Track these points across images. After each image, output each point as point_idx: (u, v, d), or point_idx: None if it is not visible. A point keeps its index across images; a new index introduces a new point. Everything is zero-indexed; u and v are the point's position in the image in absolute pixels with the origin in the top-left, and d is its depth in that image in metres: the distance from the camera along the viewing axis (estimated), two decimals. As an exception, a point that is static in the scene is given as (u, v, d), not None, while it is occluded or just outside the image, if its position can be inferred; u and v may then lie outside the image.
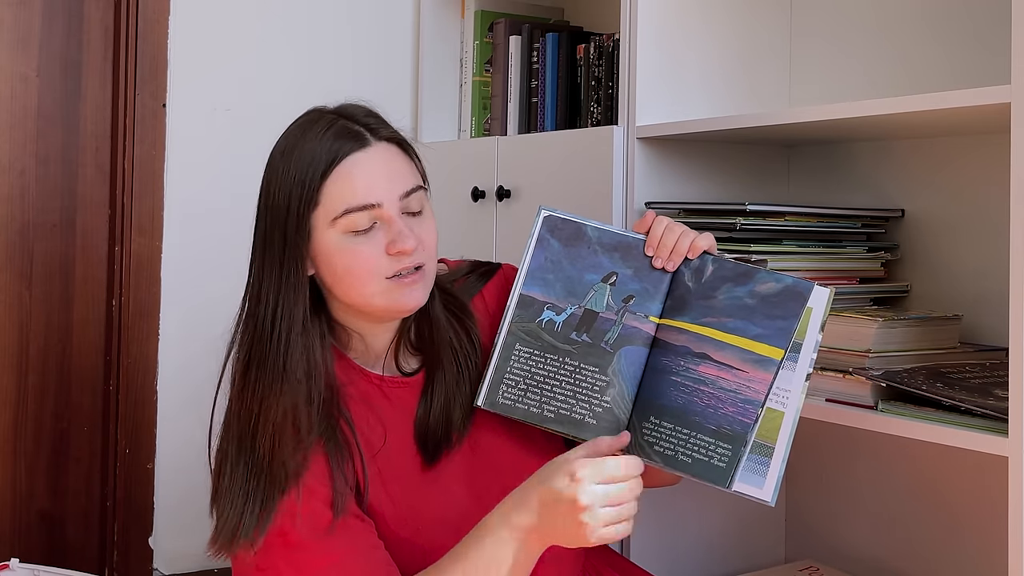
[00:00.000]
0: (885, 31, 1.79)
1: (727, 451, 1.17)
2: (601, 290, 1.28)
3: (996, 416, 1.21)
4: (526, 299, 1.29)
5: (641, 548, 1.72)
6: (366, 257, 1.19)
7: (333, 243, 1.20)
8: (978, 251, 1.64)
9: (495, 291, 1.39)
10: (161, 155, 2.15)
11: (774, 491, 1.17)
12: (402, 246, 1.19)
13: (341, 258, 1.20)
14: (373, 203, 1.19)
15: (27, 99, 2.09)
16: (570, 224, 1.30)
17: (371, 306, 1.23)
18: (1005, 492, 1.19)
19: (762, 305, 1.21)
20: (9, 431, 2.06)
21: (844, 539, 1.83)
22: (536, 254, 1.30)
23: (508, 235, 2.02)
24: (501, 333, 1.28)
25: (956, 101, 1.29)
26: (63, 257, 2.12)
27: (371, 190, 1.19)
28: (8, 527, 2.06)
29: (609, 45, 1.99)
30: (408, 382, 1.29)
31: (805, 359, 1.20)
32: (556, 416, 1.25)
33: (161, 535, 2.17)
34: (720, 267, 1.25)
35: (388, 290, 1.21)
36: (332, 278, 1.22)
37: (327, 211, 1.19)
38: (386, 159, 1.22)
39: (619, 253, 1.29)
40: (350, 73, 2.35)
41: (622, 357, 1.26)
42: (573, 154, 1.87)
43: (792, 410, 1.19)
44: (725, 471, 1.17)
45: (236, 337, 1.23)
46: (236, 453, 1.18)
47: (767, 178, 1.92)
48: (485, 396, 1.27)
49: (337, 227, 1.19)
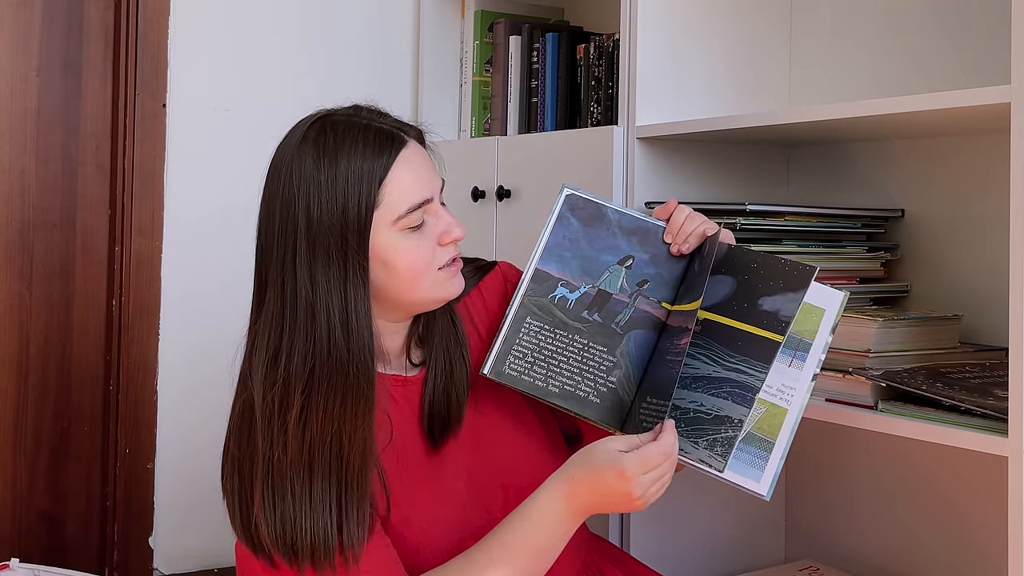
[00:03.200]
0: (885, 31, 1.79)
1: (723, 435, 1.18)
2: (616, 272, 1.29)
3: (996, 416, 1.21)
4: (541, 274, 1.30)
5: (642, 548, 1.72)
6: (424, 251, 1.22)
7: (393, 243, 1.21)
8: (978, 251, 1.64)
9: (492, 286, 1.40)
10: (161, 155, 2.15)
11: (770, 486, 1.17)
12: (456, 235, 1.25)
13: (403, 256, 1.22)
14: (429, 198, 1.23)
15: (27, 99, 2.09)
16: (591, 204, 1.32)
17: (423, 300, 1.25)
18: (1005, 492, 1.19)
19: (767, 292, 1.22)
20: (9, 431, 2.06)
21: (844, 539, 1.83)
22: (555, 231, 1.31)
23: (508, 235, 2.02)
24: (513, 305, 1.30)
25: (956, 101, 1.29)
26: (63, 257, 2.12)
27: (423, 186, 1.23)
28: (8, 527, 2.06)
29: (609, 45, 1.99)
30: (409, 379, 1.30)
31: (813, 359, 1.21)
32: (560, 391, 1.26)
33: (161, 535, 2.17)
34: (731, 254, 1.27)
35: (439, 281, 1.24)
36: (389, 278, 1.23)
37: (389, 213, 1.20)
38: (423, 155, 1.27)
39: (637, 237, 1.30)
40: (350, 73, 2.35)
41: (631, 340, 1.26)
42: (573, 154, 1.87)
43: (796, 408, 1.19)
44: (720, 456, 1.17)
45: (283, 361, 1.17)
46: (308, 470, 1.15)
47: (767, 178, 1.92)
48: (492, 365, 1.27)
49: (397, 226, 1.21)
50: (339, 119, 1.24)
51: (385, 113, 1.27)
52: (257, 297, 1.24)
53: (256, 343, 1.20)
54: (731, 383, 1.20)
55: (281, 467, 1.15)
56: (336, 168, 1.19)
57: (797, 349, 1.21)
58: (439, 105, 2.37)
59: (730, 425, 1.18)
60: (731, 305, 1.24)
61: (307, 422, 1.15)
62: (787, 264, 1.23)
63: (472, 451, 1.29)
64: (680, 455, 1.18)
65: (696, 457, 1.18)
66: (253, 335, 1.22)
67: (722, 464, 1.17)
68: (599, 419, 1.25)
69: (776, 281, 1.23)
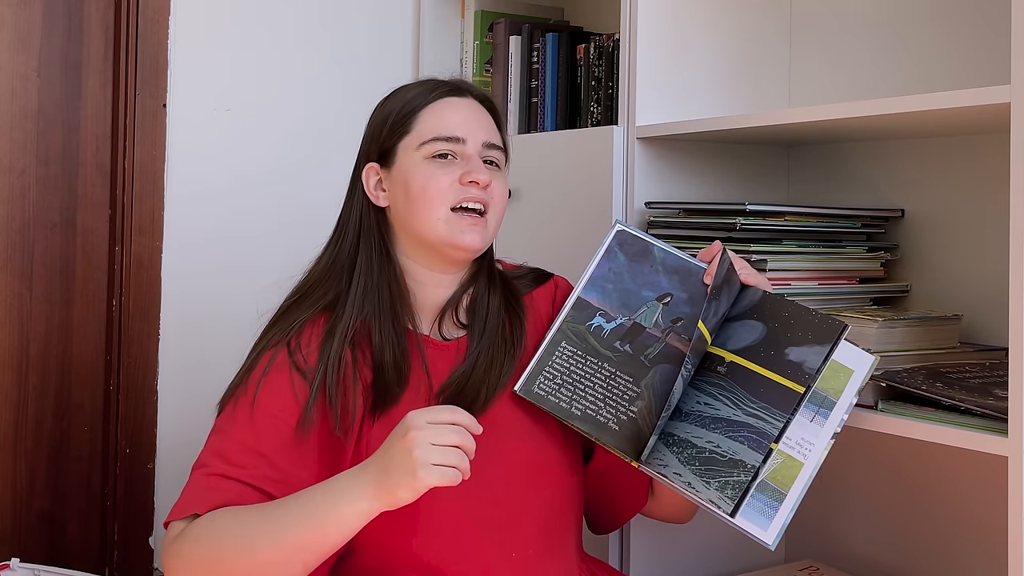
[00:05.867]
0: (885, 31, 1.79)
1: (735, 479, 1.18)
2: (653, 307, 1.33)
3: (996, 416, 1.22)
4: (582, 302, 1.34)
5: (641, 548, 1.72)
6: (440, 180, 1.30)
7: (415, 165, 1.32)
8: (978, 251, 1.64)
9: (544, 295, 1.44)
10: (161, 155, 2.15)
11: (777, 536, 1.19)
12: (475, 176, 1.30)
13: (418, 178, 1.31)
14: (459, 136, 1.32)
15: (27, 99, 2.09)
16: (640, 241, 1.37)
17: (434, 233, 1.30)
18: (1005, 492, 1.19)
19: (795, 342, 1.23)
20: (9, 431, 2.06)
21: (844, 539, 1.83)
22: (601, 263, 1.36)
23: (508, 234, 2.01)
24: (552, 329, 1.34)
25: (956, 101, 1.29)
26: (63, 257, 2.12)
27: (459, 126, 1.33)
28: (8, 527, 2.06)
29: (609, 45, 1.99)
30: (445, 346, 1.32)
31: (836, 418, 1.23)
32: (582, 415, 1.28)
33: (161, 535, 2.17)
34: (765, 301, 1.29)
35: (450, 220, 1.30)
36: (405, 199, 1.31)
37: (418, 136, 1.33)
38: (477, 110, 1.36)
39: (678, 276, 1.34)
40: (350, 73, 2.35)
41: (657, 373, 1.29)
42: (573, 154, 1.87)
43: (812, 463, 1.21)
44: (730, 499, 1.18)
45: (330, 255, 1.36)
46: None
47: (767, 178, 1.92)
48: (523, 383, 1.32)
49: (422, 151, 1.32)
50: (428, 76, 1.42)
51: (467, 81, 1.43)
52: None
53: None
54: (749, 428, 1.21)
55: None
56: (391, 99, 1.38)
57: (821, 406, 1.23)
58: (439, 105, 2.37)
59: (743, 470, 1.19)
60: (759, 351, 1.25)
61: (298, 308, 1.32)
62: (817, 317, 1.25)
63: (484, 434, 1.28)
64: (689, 491, 1.20)
65: (706, 497, 1.19)
66: None
67: (731, 508, 1.18)
68: (615, 446, 1.27)
69: (805, 332, 1.24)
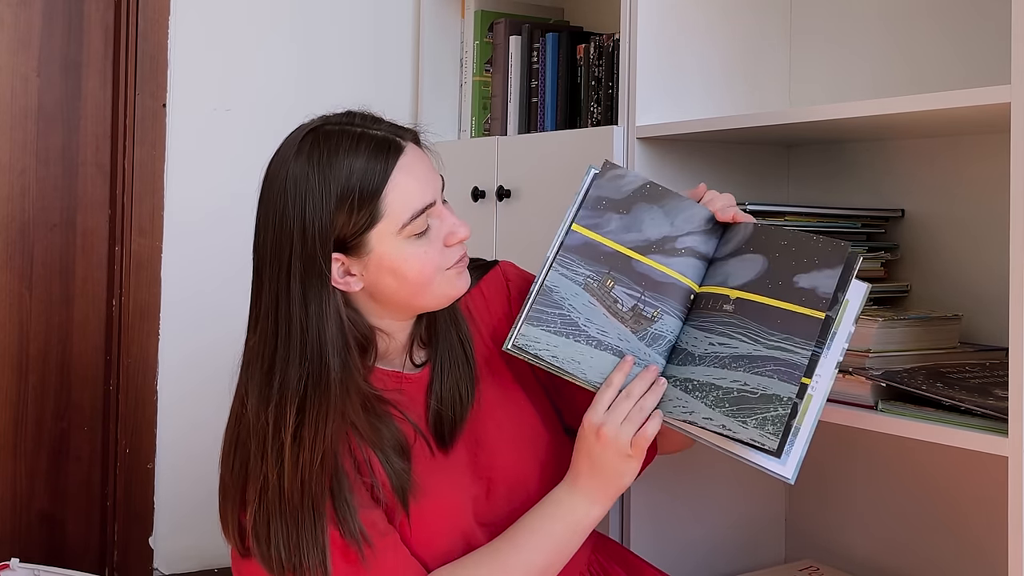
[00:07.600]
0: (885, 31, 1.79)
1: (773, 414, 1.14)
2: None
3: (996, 416, 1.21)
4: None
5: (642, 548, 1.72)
6: (432, 255, 1.22)
7: (399, 249, 1.20)
8: (978, 251, 1.64)
9: (493, 285, 1.40)
10: (161, 155, 2.15)
11: (795, 470, 1.16)
12: (462, 235, 1.24)
13: (412, 264, 1.21)
14: (431, 202, 1.22)
15: (27, 99, 2.09)
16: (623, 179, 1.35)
17: (433, 301, 1.25)
18: (1005, 492, 1.19)
19: (801, 269, 1.21)
20: (9, 431, 2.06)
21: (844, 539, 1.83)
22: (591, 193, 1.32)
23: (508, 235, 2.02)
24: (542, 272, 1.26)
25: (956, 101, 1.29)
26: (63, 257, 2.12)
27: (425, 190, 1.21)
28: (8, 527, 2.06)
29: (609, 45, 1.99)
30: (417, 377, 1.30)
31: (837, 348, 1.21)
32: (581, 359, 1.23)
33: (161, 535, 2.17)
34: (759, 232, 1.26)
35: (447, 280, 1.24)
36: (399, 286, 1.22)
37: (392, 222, 1.19)
38: (421, 158, 1.24)
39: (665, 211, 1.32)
40: (350, 73, 2.35)
41: (658, 322, 1.25)
42: (573, 154, 1.87)
43: (820, 395, 1.19)
44: (772, 434, 1.13)
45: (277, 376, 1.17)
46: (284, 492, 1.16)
47: (767, 178, 1.92)
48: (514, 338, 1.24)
49: (403, 234, 1.20)
50: (332, 129, 1.21)
51: (379, 119, 1.25)
52: (253, 312, 1.22)
53: (251, 359, 1.20)
54: (775, 360, 1.17)
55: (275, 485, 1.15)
56: (328, 181, 1.17)
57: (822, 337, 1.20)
58: (439, 105, 2.37)
59: (779, 403, 1.14)
60: (765, 283, 1.22)
61: (301, 440, 1.15)
62: (820, 241, 1.22)
63: (474, 445, 1.30)
64: (726, 434, 1.16)
65: (747, 436, 1.14)
66: (248, 351, 1.21)
67: (776, 444, 1.13)
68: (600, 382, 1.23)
69: (811, 258, 1.21)
